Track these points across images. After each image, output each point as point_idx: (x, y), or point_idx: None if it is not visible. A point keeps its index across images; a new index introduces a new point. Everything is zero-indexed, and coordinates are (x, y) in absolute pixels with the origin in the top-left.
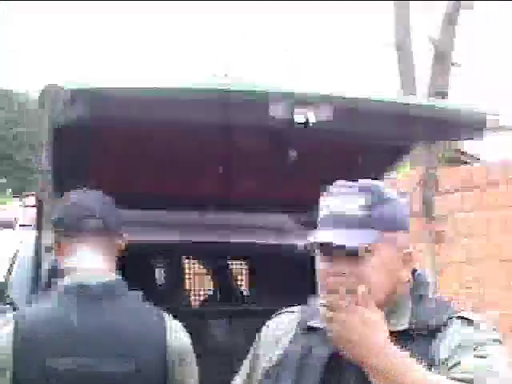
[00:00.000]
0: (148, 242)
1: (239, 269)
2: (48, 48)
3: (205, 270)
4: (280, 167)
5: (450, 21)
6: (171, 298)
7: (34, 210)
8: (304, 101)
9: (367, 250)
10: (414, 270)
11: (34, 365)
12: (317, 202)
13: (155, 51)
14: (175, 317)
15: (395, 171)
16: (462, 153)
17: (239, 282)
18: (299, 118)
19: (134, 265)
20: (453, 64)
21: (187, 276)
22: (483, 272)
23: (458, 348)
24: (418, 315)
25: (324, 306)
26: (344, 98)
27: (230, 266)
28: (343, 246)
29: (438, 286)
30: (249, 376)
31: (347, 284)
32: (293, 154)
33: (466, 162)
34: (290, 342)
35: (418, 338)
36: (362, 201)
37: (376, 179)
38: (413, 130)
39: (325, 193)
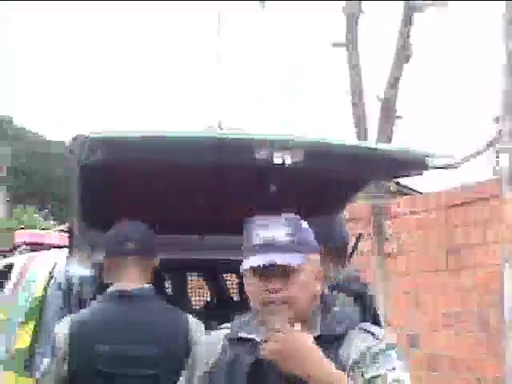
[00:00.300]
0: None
1: (230, 281)
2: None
3: (203, 282)
4: (263, 198)
5: (393, 84)
6: (178, 303)
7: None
8: (281, 146)
9: (296, 269)
10: None
11: (84, 350)
12: None
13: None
14: None
15: (353, 201)
16: (402, 185)
17: (231, 292)
18: (277, 160)
19: None
20: (397, 117)
21: (189, 286)
22: (420, 280)
23: (366, 356)
24: (327, 324)
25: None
26: (313, 143)
27: (224, 279)
28: (284, 265)
29: (387, 293)
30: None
31: (282, 298)
32: (273, 187)
33: (406, 194)
34: (221, 351)
35: (326, 344)
36: (287, 230)
37: (340, 208)
38: (370, 169)
39: (249, 225)
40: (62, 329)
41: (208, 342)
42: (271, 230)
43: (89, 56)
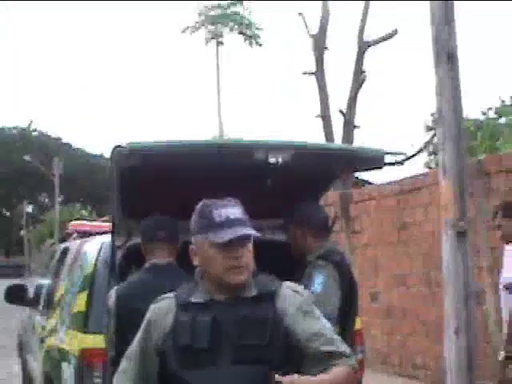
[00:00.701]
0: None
1: None
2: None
3: None
4: (261, 190)
5: (353, 98)
6: None
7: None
8: (274, 149)
9: (250, 240)
10: None
11: (127, 308)
12: (281, 214)
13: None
14: None
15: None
16: (361, 179)
17: None
18: (272, 160)
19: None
20: (355, 126)
21: None
22: (378, 251)
23: (300, 309)
24: (260, 285)
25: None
26: (299, 145)
27: None
28: (244, 236)
29: (353, 261)
30: (142, 351)
31: (242, 263)
32: (269, 181)
33: (365, 184)
34: (175, 317)
35: (264, 301)
36: (239, 209)
37: (319, 196)
38: (340, 165)
39: (206, 207)
40: (111, 295)
41: (160, 309)
42: (229, 208)
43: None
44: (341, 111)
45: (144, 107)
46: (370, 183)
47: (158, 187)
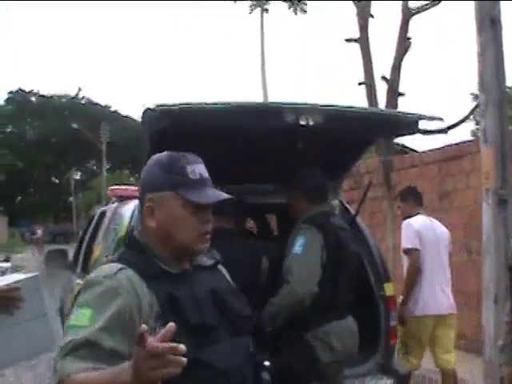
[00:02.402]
0: None
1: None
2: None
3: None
4: (292, 154)
5: (397, 65)
6: None
7: None
8: (305, 111)
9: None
10: None
11: None
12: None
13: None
14: None
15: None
16: (405, 146)
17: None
18: (303, 122)
19: None
20: (399, 94)
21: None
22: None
23: None
24: (212, 255)
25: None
26: (330, 109)
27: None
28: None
29: (395, 228)
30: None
31: (210, 229)
32: (300, 144)
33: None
34: (151, 290)
35: (217, 270)
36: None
37: (351, 161)
38: (373, 129)
39: (179, 161)
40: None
41: (131, 282)
42: (200, 165)
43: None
44: (384, 78)
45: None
46: (414, 151)
47: (188, 150)
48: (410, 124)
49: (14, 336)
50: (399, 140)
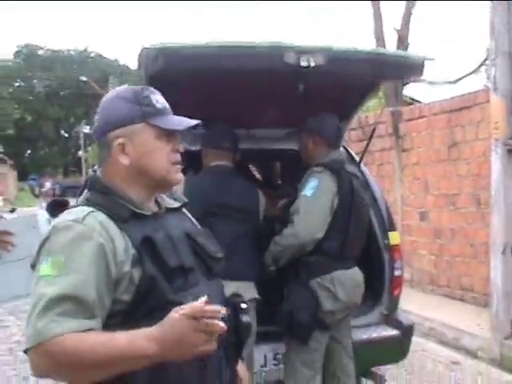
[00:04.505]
0: None
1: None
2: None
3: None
4: (293, 96)
5: (407, 16)
6: None
7: None
8: (306, 51)
9: None
10: None
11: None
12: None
13: None
14: None
15: (368, 102)
16: (413, 99)
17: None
18: (303, 63)
19: None
20: (408, 44)
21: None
22: (428, 169)
23: None
24: (178, 199)
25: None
26: (333, 49)
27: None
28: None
29: (403, 179)
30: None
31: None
32: (301, 86)
33: (410, 103)
34: (125, 233)
35: (183, 212)
36: None
37: (357, 107)
38: (379, 71)
39: (141, 92)
40: (179, 188)
41: (102, 227)
42: (159, 95)
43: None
44: (396, 30)
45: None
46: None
47: (188, 92)
48: (416, 66)
49: (13, 272)
50: (407, 92)
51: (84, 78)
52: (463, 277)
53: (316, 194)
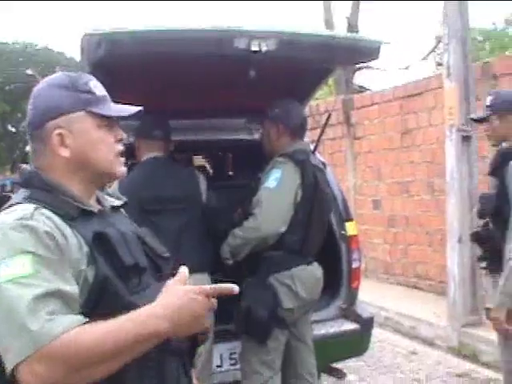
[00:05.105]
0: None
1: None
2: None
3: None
4: (242, 83)
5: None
6: None
7: None
8: (257, 36)
9: None
10: None
11: (131, 197)
12: (263, 109)
13: None
14: None
15: (320, 88)
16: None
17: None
18: (254, 47)
19: None
20: (358, 31)
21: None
22: (380, 157)
23: None
24: (118, 197)
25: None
26: (285, 33)
27: (220, 156)
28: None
29: (356, 168)
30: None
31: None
32: (252, 72)
33: (361, 91)
34: (75, 230)
35: (121, 211)
36: None
37: (311, 93)
38: (333, 56)
39: (79, 79)
40: (115, 184)
41: (53, 223)
42: (97, 82)
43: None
44: (347, 18)
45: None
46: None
47: (133, 80)
48: (372, 50)
49: None
50: (358, 81)
51: (30, 72)
52: (418, 265)
53: (279, 186)
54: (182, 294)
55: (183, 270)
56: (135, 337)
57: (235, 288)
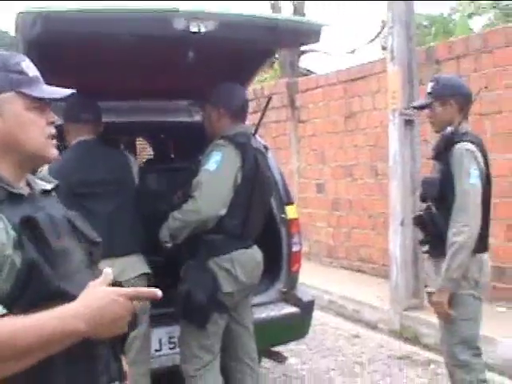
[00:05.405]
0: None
1: (167, 139)
2: None
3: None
4: (182, 65)
5: None
6: None
7: None
8: (196, 17)
9: None
10: None
11: (62, 181)
12: (203, 91)
13: None
14: None
15: (262, 71)
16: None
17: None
18: (193, 28)
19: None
20: (304, 14)
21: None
22: (324, 140)
23: None
24: (48, 180)
25: None
26: (225, 14)
27: (161, 138)
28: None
29: (299, 151)
30: None
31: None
32: (191, 54)
33: (306, 74)
34: (2, 214)
35: (52, 195)
36: None
37: (251, 75)
38: (274, 38)
39: (11, 58)
40: (45, 169)
41: None
42: (30, 62)
43: None
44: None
45: None
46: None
47: (70, 60)
48: (312, 32)
49: None
50: (303, 64)
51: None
52: (361, 248)
53: (219, 169)
54: (103, 295)
55: (107, 271)
56: (52, 335)
57: (158, 293)
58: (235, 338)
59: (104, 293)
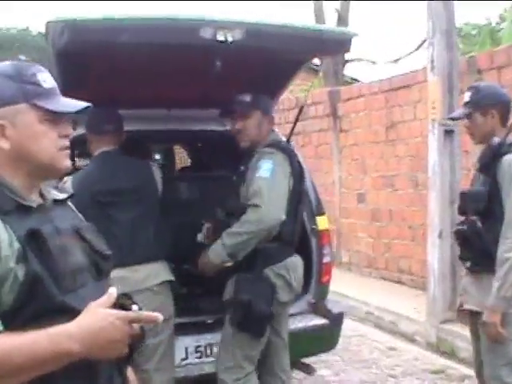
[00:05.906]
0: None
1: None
2: None
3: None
4: (212, 74)
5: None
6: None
7: None
8: (223, 26)
9: None
10: None
11: (86, 191)
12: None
13: None
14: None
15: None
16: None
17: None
18: (220, 37)
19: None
20: (347, 23)
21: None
22: (366, 150)
23: None
24: (63, 190)
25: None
26: (252, 24)
27: (198, 146)
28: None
29: (341, 160)
30: None
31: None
32: (218, 63)
33: (351, 83)
34: (7, 225)
35: (67, 204)
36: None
37: (282, 85)
38: (303, 46)
39: (26, 69)
40: (69, 180)
41: None
42: (48, 74)
43: None
44: (336, 10)
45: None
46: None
47: (99, 69)
48: (342, 42)
49: None
50: (348, 72)
51: (23, 57)
52: (401, 259)
53: (273, 175)
54: (101, 317)
55: (111, 291)
56: (46, 354)
57: (159, 317)
58: (273, 351)
59: (103, 315)
